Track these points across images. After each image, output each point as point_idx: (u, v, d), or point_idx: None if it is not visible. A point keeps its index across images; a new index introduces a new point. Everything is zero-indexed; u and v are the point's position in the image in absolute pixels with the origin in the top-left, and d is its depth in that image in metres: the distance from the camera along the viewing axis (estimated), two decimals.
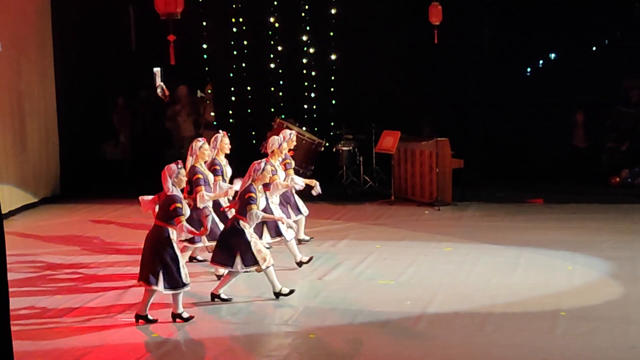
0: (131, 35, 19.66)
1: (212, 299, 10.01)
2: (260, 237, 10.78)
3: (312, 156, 16.54)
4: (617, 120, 18.15)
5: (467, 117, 18.10)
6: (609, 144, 18.11)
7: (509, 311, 9.60)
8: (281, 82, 18.63)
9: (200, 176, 10.84)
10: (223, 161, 11.48)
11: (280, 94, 18.71)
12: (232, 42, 18.57)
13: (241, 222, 9.87)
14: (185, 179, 9.45)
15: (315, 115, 18.65)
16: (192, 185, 10.83)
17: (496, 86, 18.36)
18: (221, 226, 10.65)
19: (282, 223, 10.97)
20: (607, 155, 18.07)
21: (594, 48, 19.43)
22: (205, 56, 18.96)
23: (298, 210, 12.19)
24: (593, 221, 14.15)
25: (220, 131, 11.61)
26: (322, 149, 16.63)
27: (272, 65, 18.54)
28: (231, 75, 18.68)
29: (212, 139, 11.45)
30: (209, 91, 19.48)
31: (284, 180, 11.68)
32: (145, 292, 9.32)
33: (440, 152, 15.59)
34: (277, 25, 18.48)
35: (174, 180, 9.25)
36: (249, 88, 18.72)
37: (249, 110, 18.76)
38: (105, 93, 18.70)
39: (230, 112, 18.88)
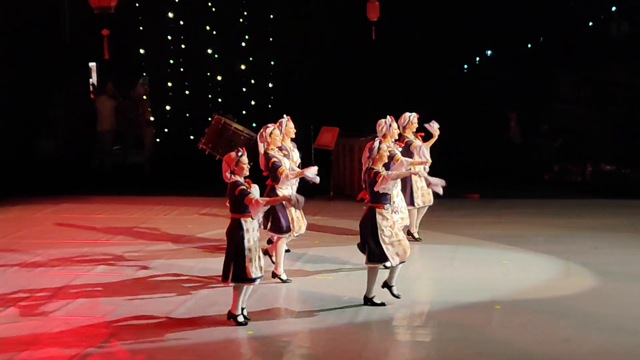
0: (65, 29, 19.42)
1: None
2: None
3: (251, 152, 16.48)
4: (550, 116, 18.41)
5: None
6: (542, 140, 18.37)
7: (445, 305, 9.68)
8: (219, 78, 18.53)
9: (276, 159, 10.46)
10: (290, 145, 11.11)
11: (218, 89, 18.61)
12: (169, 38, 18.42)
13: (377, 211, 9.37)
14: (247, 166, 8.97)
15: (253, 111, 18.58)
16: (271, 171, 10.44)
17: (433, 82, 18.50)
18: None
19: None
20: (541, 151, 18.32)
21: (529, 45, 19.69)
22: (141, 51, 18.79)
23: (411, 201, 11.91)
24: (528, 216, 14.36)
25: (285, 115, 11.27)
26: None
27: (210, 61, 18.44)
28: (168, 70, 18.53)
29: (277, 123, 10.93)
30: (146, 87, 19.33)
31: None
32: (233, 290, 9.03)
33: None
34: (214, 19, 18.38)
35: (233, 168, 8.93)
36: (186, 83, 18.58)
37: (186, 106, 18.63)
38: (38, 88, 18.41)
39: (168, 107, 18.72)
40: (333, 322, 9.14)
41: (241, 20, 18.40)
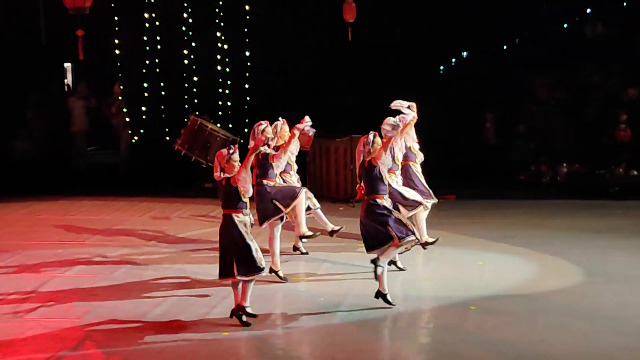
0: (40, 30, 19.36)
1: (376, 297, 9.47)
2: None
3: None
4: (526, 118, 18.49)
5: (381, 114, 18.19)
6: (518, 141, 18.44)
7: (420, 306, 9.71)
8: (195, 79, 18.49)
9: (264, 151, 10.51)
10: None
11: (194, 90, 18.57)
12: (145, 38, 18.37)
13: (377, 200, 9.40)
14: (237, 164, 8.89)
15: (229, 112, 18.55)
16: (261, 167, 10.50)
17: (410, 84, 18.53)
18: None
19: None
20: (516, 152, 18.39)
21: (505, 47, 19.78)
22: (117, 52, 18.72)
23: (430, 194, 11.58)
24: (503, 217, 14.42)
25: (280, 118, 11.30)
26: (237, 145, 16.55)
27: (186, 62, 18.39)
28: (144, 71, 18.46)
29: (273, 126, 10.98)
30: (121, 87, 19.23)
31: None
32: (233, 289, 8.98)
33: (354, 149, 15.62)
34: (190, 21, 18.34)
35: (223, 165, 8.89)
36: (162, 84, 18.53)
37: (162, 107, 18.57)
38: (14, 88, 18.31)
39: (143, 108, 18.66)
40: (309, 323, 9.14)
41: (217, 21, 18.37)
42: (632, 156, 16.76)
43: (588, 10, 19.72)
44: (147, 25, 18.35)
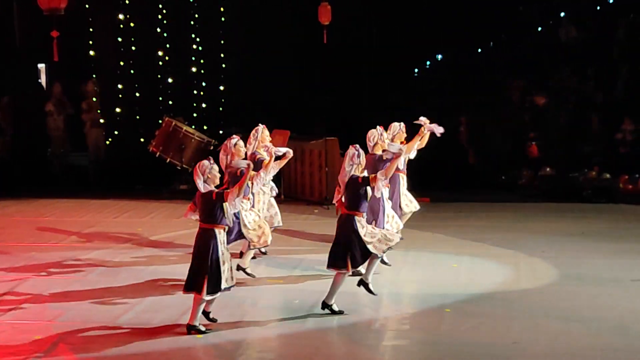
0: (14, 31, 19.23)
1: (323, 308, 9.42)
2: None
3: (202, 155, 16.36)
4: (500, 121, 18.56)
5: (356, 116, 18.26)
6: (492, 144, 18.50)
7: (395, 309, 9.73)
8: (170, 80, 18.44)
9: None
10: (264, 154, 11.08)
11: (169, 91, 18.51)
12: (120, 39, 18.28)
13: (356, 218, 9.30)
14: (218, 175, 8.86)
15: (204, 114, 18.51)
16: (233, 180, 10.21)
17: (385, 86, 18.58)
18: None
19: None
20: (490, 155, 18.45)
21: (480, 50, 19.86)
22: (91, 53, 18.62)
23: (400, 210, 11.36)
24: (478, 220, 14.48)
25: (260, 124, 11.23)
26: (212, 147, 16.52)
27: (161, 63, 18.33)
28: (118, 72, 18.38)
29: (253, 131, 11.03)
30: (95, 88, 19.12)
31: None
32: (194, 300, 8.82)
33: (329, 152, 15.68)
34: (165, 22, 18.30)
35: (206, 177, 8.77)
36: (136, 85, 18.45)
37: (137, 108, 18.49)
38: None
39: (118, 109, 18.57)
40: (284, 327, 9.13)
41: (192, 22, 18.34)
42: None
43: (562, 14, 19.84)
44: (121, 26, 18.26)
